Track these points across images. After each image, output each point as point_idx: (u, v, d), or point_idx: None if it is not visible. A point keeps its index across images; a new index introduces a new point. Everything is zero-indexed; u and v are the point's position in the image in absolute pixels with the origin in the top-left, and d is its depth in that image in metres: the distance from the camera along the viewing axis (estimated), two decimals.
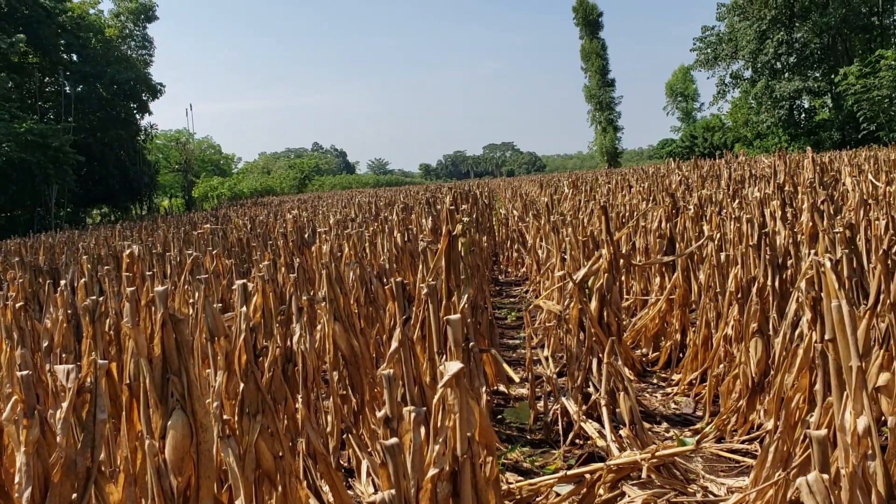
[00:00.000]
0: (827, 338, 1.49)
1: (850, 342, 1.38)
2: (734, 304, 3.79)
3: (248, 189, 58.77)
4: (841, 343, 1.43)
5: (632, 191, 9.82)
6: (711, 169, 12.88)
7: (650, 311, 4.96)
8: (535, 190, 16.44)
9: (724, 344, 3.87)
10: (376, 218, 9.68)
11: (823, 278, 1.64)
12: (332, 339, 3.57)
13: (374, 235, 6.48)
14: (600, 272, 4.01)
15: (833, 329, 1.44)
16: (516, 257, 10.19)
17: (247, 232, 8.56)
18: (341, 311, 3.61)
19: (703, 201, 6.32)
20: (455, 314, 2.22)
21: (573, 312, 3.88)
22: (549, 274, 5.70)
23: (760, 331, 3.42)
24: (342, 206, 14.27)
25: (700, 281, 4.42)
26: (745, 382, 3.50)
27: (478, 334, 3.69)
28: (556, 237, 5.43)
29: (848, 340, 1.38)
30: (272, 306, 3.29)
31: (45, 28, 32.83)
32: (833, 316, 1.42)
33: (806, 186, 5.45)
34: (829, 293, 1.58)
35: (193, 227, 13.18)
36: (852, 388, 1.41)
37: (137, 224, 16.92)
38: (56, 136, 28.35)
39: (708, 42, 48.89)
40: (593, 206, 7.43)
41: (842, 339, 1.42)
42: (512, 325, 6.96)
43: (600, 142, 61.46)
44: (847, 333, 1.38)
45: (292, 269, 4.37)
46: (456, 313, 2.24)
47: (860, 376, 1.39)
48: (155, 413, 1.95)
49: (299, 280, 3.80)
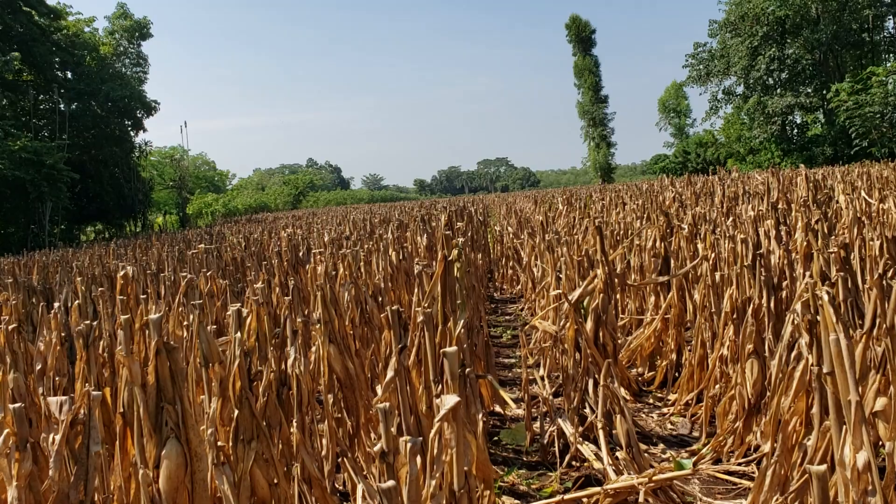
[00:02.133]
0: (825, 371, 1.49)
1: (849, 376, 1.38)
2: (729, 325, 3.79)
3: (243, 205, 58.82)
4: (839, 376, 1.42)
5: (626, 208, 9.85)
6: (705, 185, 12.93)
7: (645, 331, 4.95)
8: (530, 206, 16.48)
9: (719, 364, 3.87)
10: (371, 235, 9.68)
11: (821, 311, 1.64)
12: (326, 362, 3.55)
13: (368, 254, 6.48)
14: (595, 292, 4.01)
15: (831, 362, 1.44)
16: (511, 274, 10.18)
17: (241, 251, 8.55)
18: (336, 332, 3.59)
19: (697, 219, 6.34)
20: (451, 342, 2.21)
21: (569, 333, 3.87)
22: (544, 293, 5.70)
23: (756, 352, 3.42)
24: (336, 223, 14.27)
25: (695, 300, 4.42)
26: (741, 404, 3.50)
27: (474, 356, 3.68)
28: (551, 256, 5.43)
29: (846, 374, 1.38)
30: (266, 329, 3.28)
31: (39, 46, 32.89)
32: (831, 349, 1.42)
33: (800, 205, 5.47)
34: (828, 326, 1.58)
35: (188, 246, 13.16)
36: (851, 423, 1.41)
37: (131, 242, 16.88)
38: (50, 153, 28.33)
39: (700, 58, 49.30)
40: (587, 223, 7.45)
41: (840, 372, 1.42)
42: (507, 344, 6.95)
43: (594, 157, 61.74)
44: (846, 367, 1.38)
45: (287, 290, 4.36)
46: (452, 339, 2.23)
47: (859, 411, 1.38)
48: (149, 442, 1.94)
49: (294, 302, 3.79)
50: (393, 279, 6.41)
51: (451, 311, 2.27)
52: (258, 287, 4.59)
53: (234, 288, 6.51)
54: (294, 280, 4.13)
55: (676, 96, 69.73)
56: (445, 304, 2.26)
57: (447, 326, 2.29)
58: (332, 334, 3.61)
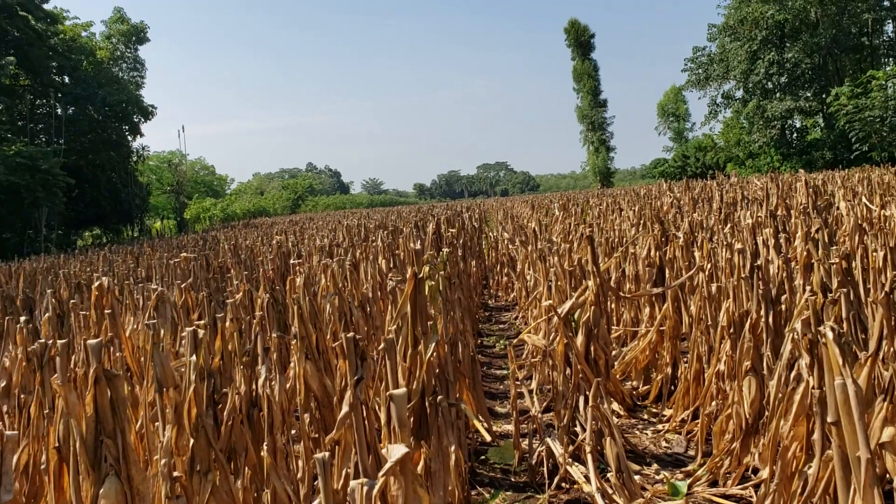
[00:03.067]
0: (830, 420, 1.32)
1: (858, 429, 1.21)
2: (726, 339, 3.62)
3: (241, 210, 58.67)
4: (847, 428, 1.26)
5: (622, 214, 9.68)
6: (703, 191, 12.77)
7: (640, 343, 4.78)
8: (527, 211, 16.31)
9: (716, 381, 3.69)
10: (365, 241, 9.51)
11: (825, 350, 1.48)
12: (303, 380, 3.38)
13: (358, 262, 6.31)
14: (587, 305, 3.84)
15: (836, 411, 1.27)
16: (506, 281, 10.01)
17: (227, 259, 8.38)
18: (313, 348, 3.42)
19: (694, 227, 6.18)
20: (422, 368, 2.04)
21: (558, 348, 3.70)
22: (536, 302, 5.53)
23: (754, 369, 3.25)
24: (330, 228, 14.09)
25: (691, 312, 4.25)
26: (738, 423, 3.32)
27: (458, 373, 3.51)
28: (544, 265, 5.27)
29: (855, 426, 1.21)
30: (237, 346, 3.11)
31: (36, 50, 32.77)
32: (837, 395, 1.26)
33: (799, 211, 5.31)
34: (833, 368, 1.41)
35: (181, 251, 12.98)
36: (861, 483, 1.24)
37: (122, 248, 16.70)
38: (45, 158, 28.17)
39: (699, 62, 49.18)
40: (583, 230, 7.28)
41: (847, 423, 1.25)
42: (500, 354, 6.77)
43: (593, 162, 61.60)
44: (854, 417, 1.22)
45: (274, 301, 4.19)
46: (423, 364, 2.05)
47: (870, 470, 1.22)
48: (86, 480, 1.76)
49: (269, 316, 3.61)
50: (383, 288, 6.25)
51: (423, 334, 2.09)
52: (231, 301, 4.43)
53: (220, 298, 6.33)
54: (274, 291, 3.96)
55: (675, 100, 69.63)
56: (416, 325, 2.08)
57: (418, 350, 2.12)
58: (310, 350, 3.44)
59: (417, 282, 2.03)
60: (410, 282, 2.05)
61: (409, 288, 2.04)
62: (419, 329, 2.08)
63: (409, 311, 2.07)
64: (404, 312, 2.08)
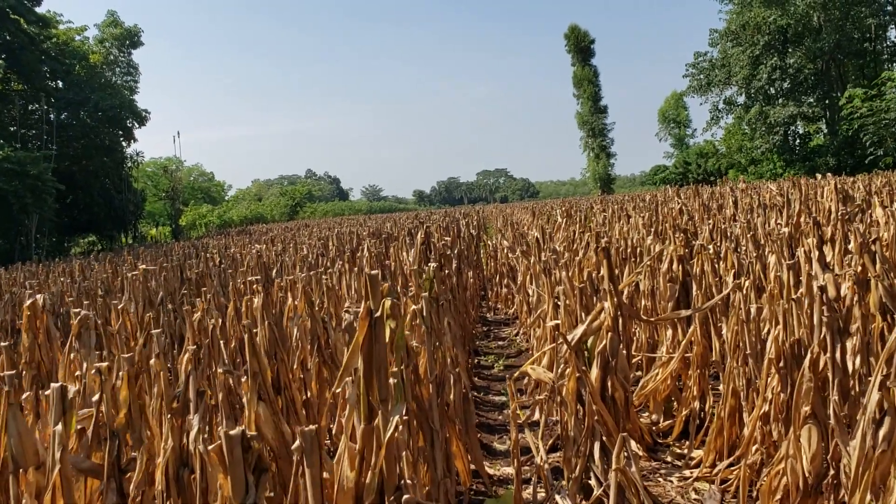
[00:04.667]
0: None
1: None
2: (774, 374, 2.97)
3: (238, 217, 58.10)
4: None
5: (630, 221, 9.04)
6: (713, 196, 12.14)
7: (662, 372, 4.13)
8: (527, 218, 15.67)
9: (761, 424, 3.04)
10: (356, 250, 8.86)
11: None
12: (254, 426, 2.73)
13: (343, 274, 5.67)
14: (602, 331, 3.20)
15: None
16: (506, 293, 9.36)
17: (206, 268, 7.73)
18: (267, 387, 2.78)
19: (715, 235, 5.54)
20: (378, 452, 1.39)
21: (569, 384, 3.06)
22: (540, 322, 4.89)
23: (815, 416, 2.60)
24: (321, 236, 13.44)
25: (724, 337, 3.60)
26: (794, 482, 2.67)
27: (444, 418, 2.87)
28: (548, 280, 4.62)
29: None
30: (164, 390, 2.47)
31: (28, 54, 32.19)
32: None
33: (838, 218, 4.67)
34: None
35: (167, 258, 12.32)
36: None
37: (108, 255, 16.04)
38: (35, 163, 27.52)
39: (701, 68, 48.64)
40: (589, 238, 6.64)
41: None
42: (499, 377, 6.12)
43: (593, 168, 60.98)
44: None
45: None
46: (380, 447, 1.41)
47: None
48: None
49: (213, 347, 2.97)
50: None
51: (381, 400, 1.45)
52: (195, 318, 3.79)
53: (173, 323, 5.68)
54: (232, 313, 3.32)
55: (676, 106, 69.13)
56: (371, 386, 1.44)
57: (374, 425, 1.47)
58: (265, 389, 2.79)
59: (374, 323, 1.40)
60: (363, 324, 1.41)
61: (362, 333, 1.40)
62: (375, 394, 1.44)
63: (360, 366, 1.44)
64: (353, 368, 1.44)
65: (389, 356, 1.39)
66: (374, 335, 1.37)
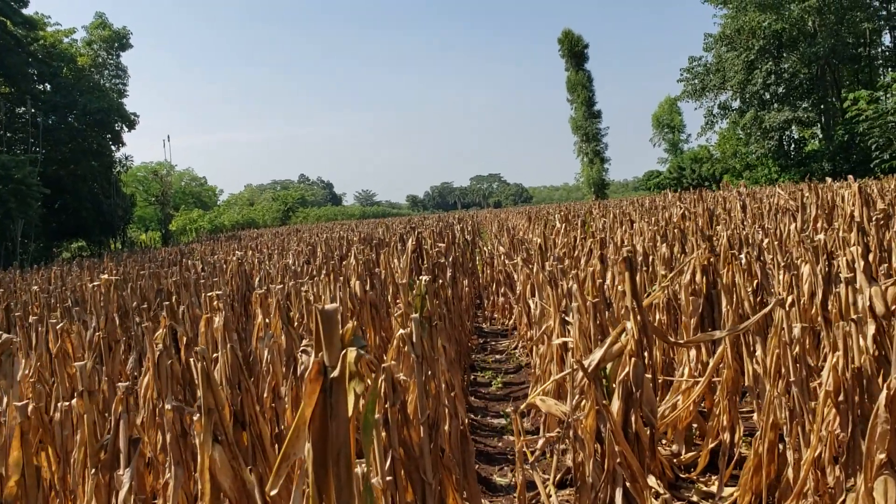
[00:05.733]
0: None
1: None
2: (830, 409, 2.50)
3: (230, 222, 57.52)
4: None
5: (633, 226, 8.58)
6: (717, 201, 11.70)
7: (685, 399, 3.66)
8: (524, 223, 15.20)
9: (814, 469, 2.57)
10: (346, 256, 8.36)
11: None
12: (209, 474, 2.24)
13: (326, 284, 5.18)
14: (624, 356, 2.72)
15: None
16: (504, 303, 8.88)
17: (181, 279, 7.22)
18: (226, 425, 2.29)
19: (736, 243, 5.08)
20: None
21: (587, 421, 2.58)
22: (544, 339, 4.41)
23: (892, 464, 2.14)
24: (310, 241, 12.93)
25: (761, 361, 3.13)
26: None
27: (439, 465, 2.38)
28: (554, 292, 4.15)
29: None
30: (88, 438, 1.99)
31: (14, 56, 31.63)
32: None
33: (876, 224, 4.23)
34: None
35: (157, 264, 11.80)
36: None
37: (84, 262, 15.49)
38: (20, 167, 26.93)
39: (695, 73, 48.38)
40: (592, 244, 6.18)
41: None
42: (498, 396, 5.64)
43: (587, 173, 60.57)
44: None
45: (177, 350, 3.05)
46: None
47: None
48: None
49: (161, 376, 2.48)
50: (357, 316, 5.13)
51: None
52: (157, 336, 3.32)
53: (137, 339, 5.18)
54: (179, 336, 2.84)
55: (670, 111, 68.96)
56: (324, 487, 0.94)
57: None
58: (220, 429, 2.30)
59: (330, 387, 0.92)
60: (312, 390, 0.92)
61: (309, 404, 0.91)
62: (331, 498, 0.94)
63: (309, 454, 0.95)
64: (295, 459, 0.95)
65: (354, 439, 0.93)
66: (330, 407, 0.91)
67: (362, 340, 0.93)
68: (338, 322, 0.90)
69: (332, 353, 0.91)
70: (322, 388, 0.93)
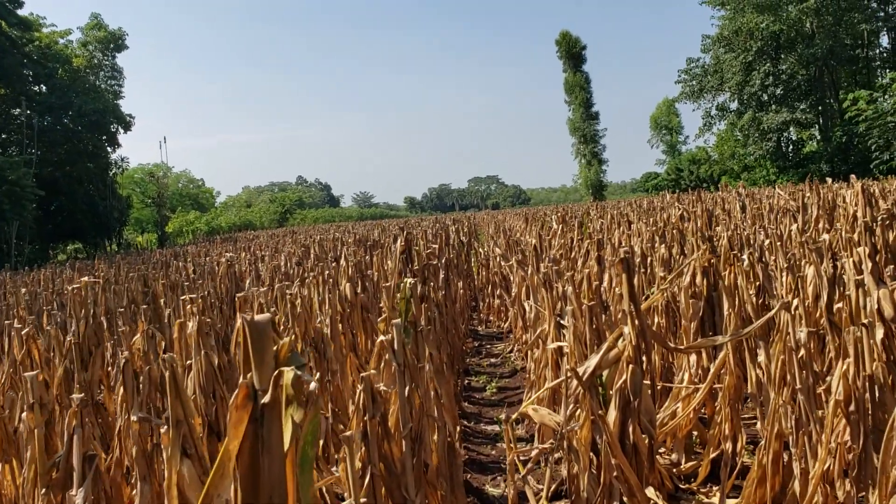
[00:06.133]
0: None
1: None
2: (840, 419, 2.36)
3: (227, 224, 57.33)
4: None
5: (631, 227, 8.44)
6: (716, 202, 11.56)
7: (685, 406, 3.51)
8: (520, 224, 15.06)
9: (822, 484, 2.43)
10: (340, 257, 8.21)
11: None
12: (176, 490, 2.09)
13: (316, 286, 5.04)
14: (622, 362, 2.58)
15: None
16: (499, 305, 8.73)
17: (168, 281, 7.06)
18: (195, 438, 2.14)
19: (736, 244, 4.94)
20: None
21: (582, 432, 2.44)
22: (539, 343, 4.27)
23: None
24: (304, 242, 12.77)
25: (764, 367, 2.99)
26: None
27: (423, 481, 2.22)
28: (549, 294, 4.00)
29: None
30: (38, 457, 1.84)
31: (9, 57, 31.45)
32: None
33: (881, 225, 4.10)
34: None
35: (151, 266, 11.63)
36: None
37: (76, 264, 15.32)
38: (14, 168, 26.74)
39: (693, 74, 48.26)
40: (589, 245, 6.04)
41: None
42: (492, 402, 5.49)
43: (585, 175, 60.41)
44: None
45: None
46: None
47: None
48: None
49: (128, 388, 2.33)
50: (347, 319, 4.97)
51: None
52: (134, 341, 3.17)
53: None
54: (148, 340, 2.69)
55: (668, 113, 68.89)
56: None
57: None
58: (190, 442, 2.15)
59: (262, 415, 0.75)
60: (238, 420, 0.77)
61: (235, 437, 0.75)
62: None
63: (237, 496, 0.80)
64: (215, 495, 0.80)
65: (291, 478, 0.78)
66: (261, 439, 0.76)
67: (301, 358, 0.79)
68: (270, 336, 0.76)
69: (263, 375, 0.76)
70: (252, 417, 0.78)
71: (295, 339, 3.84)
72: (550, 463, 3.22)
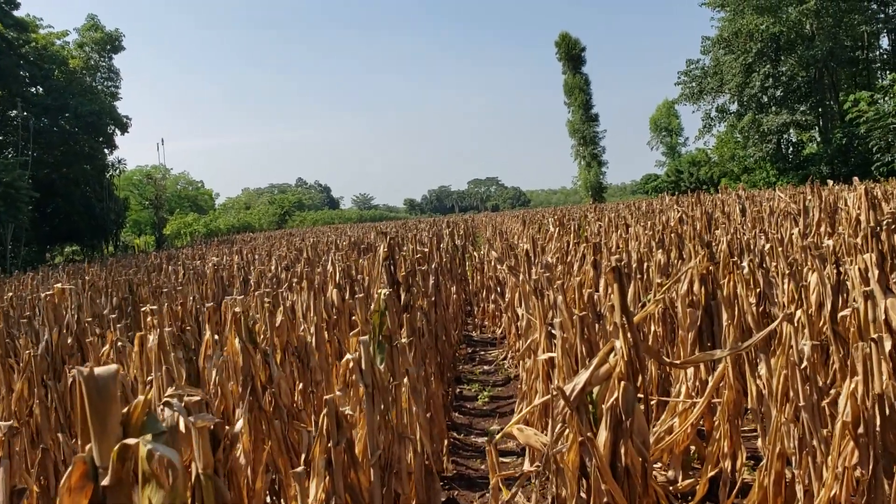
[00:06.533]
0: None
1: None
2: (847, 441, 2.19)
3: (225, 225, 57.16)
4: None
5: (630, 231, 8.27)
6: (716, 204, 11.39)
7: (682, 422, 3.34)
8: (518, 227, 14.89)
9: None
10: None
11: None
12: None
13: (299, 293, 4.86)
14: (613, 378, 2.41)
15: None
16: (493, 310, 8.56)
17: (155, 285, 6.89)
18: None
19: (736, 249, 4.77)
20: None
21: (569, 456, 2.27)
22: (530, 353, 4.10)
23: None
24: (299, 245, 12.60)
25: (766, 382, 2.81)
26: None
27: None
28: (540, 302, 3.83)
29: None
30: None
31: (5, 59, 31.30)
32: None
33: (886, 229, 3.94)
34: None
35: (136, 269, 11.48)
36: None
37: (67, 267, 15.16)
38: (9, 170, 26.57)
39: (693, 76, 48.13)
40: (585, 249, 5.86)
41: None
42: (484, 411, 5.32)
43: (584, 176, 60.27)
44: None
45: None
46: None
47: None
48: None
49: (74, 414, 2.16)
50: (334, 326, 4.80)
51: None
52: (103, 352, 3.02)
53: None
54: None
55: (668, 115, 68.75)
56: None
57: None
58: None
59: (105, 499, 0.64)
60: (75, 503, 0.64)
61: None
62: None
63: None
64: None
65: None
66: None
67: (160, 424, 0.61)
68: (114, 396, 0.59)
69: (104, 447, 0.59)
70: (91, 502, 0.61)
71: (274, 349, 3.67)
72: (538, 482, 3.05)
